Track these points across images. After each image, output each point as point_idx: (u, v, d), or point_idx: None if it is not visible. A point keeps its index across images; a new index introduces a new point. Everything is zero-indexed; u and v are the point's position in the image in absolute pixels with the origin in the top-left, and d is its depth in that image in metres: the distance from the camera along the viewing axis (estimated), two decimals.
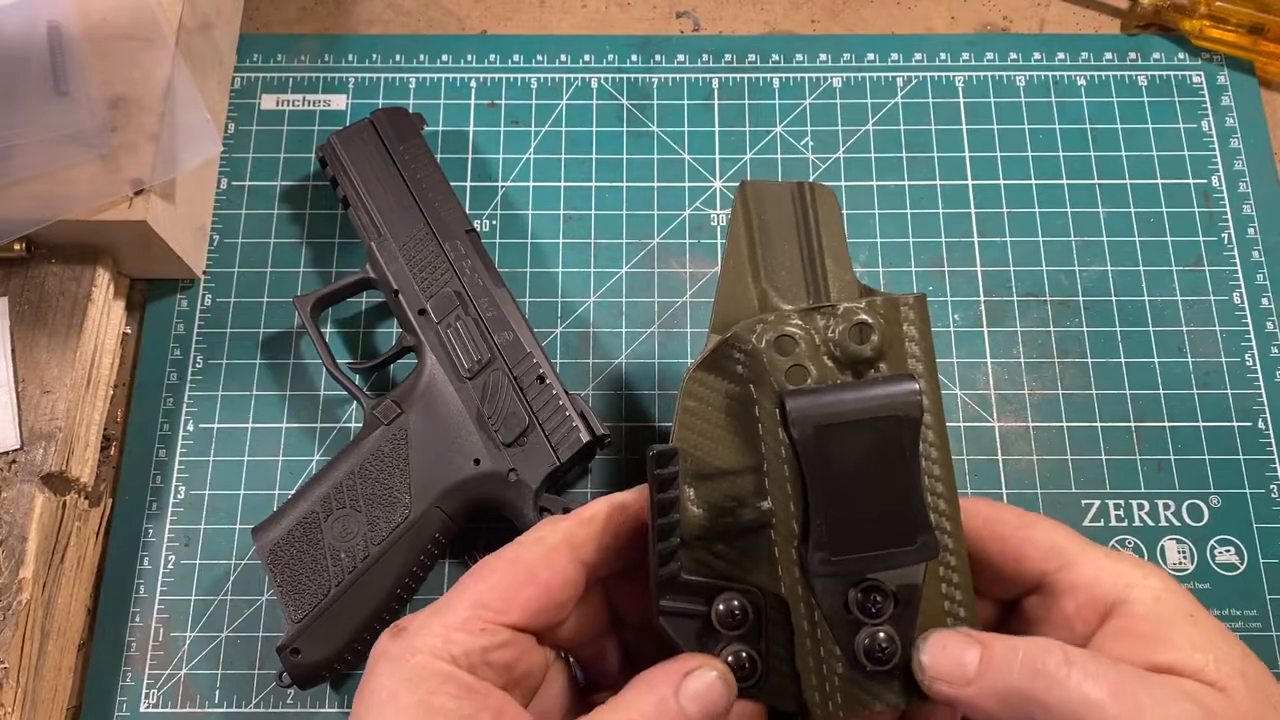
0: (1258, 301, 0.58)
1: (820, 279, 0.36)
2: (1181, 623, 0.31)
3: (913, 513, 0.31)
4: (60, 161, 0.51)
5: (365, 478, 0.50)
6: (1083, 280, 0.59)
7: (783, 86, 0.64)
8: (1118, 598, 0.32)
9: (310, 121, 0.62)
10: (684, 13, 0.66)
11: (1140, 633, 0.31)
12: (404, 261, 0.53)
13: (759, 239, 0.37)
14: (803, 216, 0.38)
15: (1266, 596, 0.53)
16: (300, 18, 0.66)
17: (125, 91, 0.53)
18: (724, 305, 0.36)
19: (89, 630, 0.52)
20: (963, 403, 0.57)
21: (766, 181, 0.38)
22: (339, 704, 0.51)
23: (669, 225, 0.60)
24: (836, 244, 0.37)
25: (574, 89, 0.63)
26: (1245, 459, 0.55)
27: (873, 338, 0.33)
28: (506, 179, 0.61)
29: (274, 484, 0.55)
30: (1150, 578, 0.32)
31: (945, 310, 0.59)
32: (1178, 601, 0.32)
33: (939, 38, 0.65)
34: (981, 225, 0.60)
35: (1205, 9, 0.62)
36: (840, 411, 0.31)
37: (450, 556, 0.53)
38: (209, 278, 0.59)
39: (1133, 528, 0.54)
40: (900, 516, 0.31)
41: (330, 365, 0.52)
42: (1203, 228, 0.60)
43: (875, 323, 0.33)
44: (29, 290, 0.53)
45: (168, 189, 0.54)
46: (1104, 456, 0.55)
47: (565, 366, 0.57)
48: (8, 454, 0.50)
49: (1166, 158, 0.62)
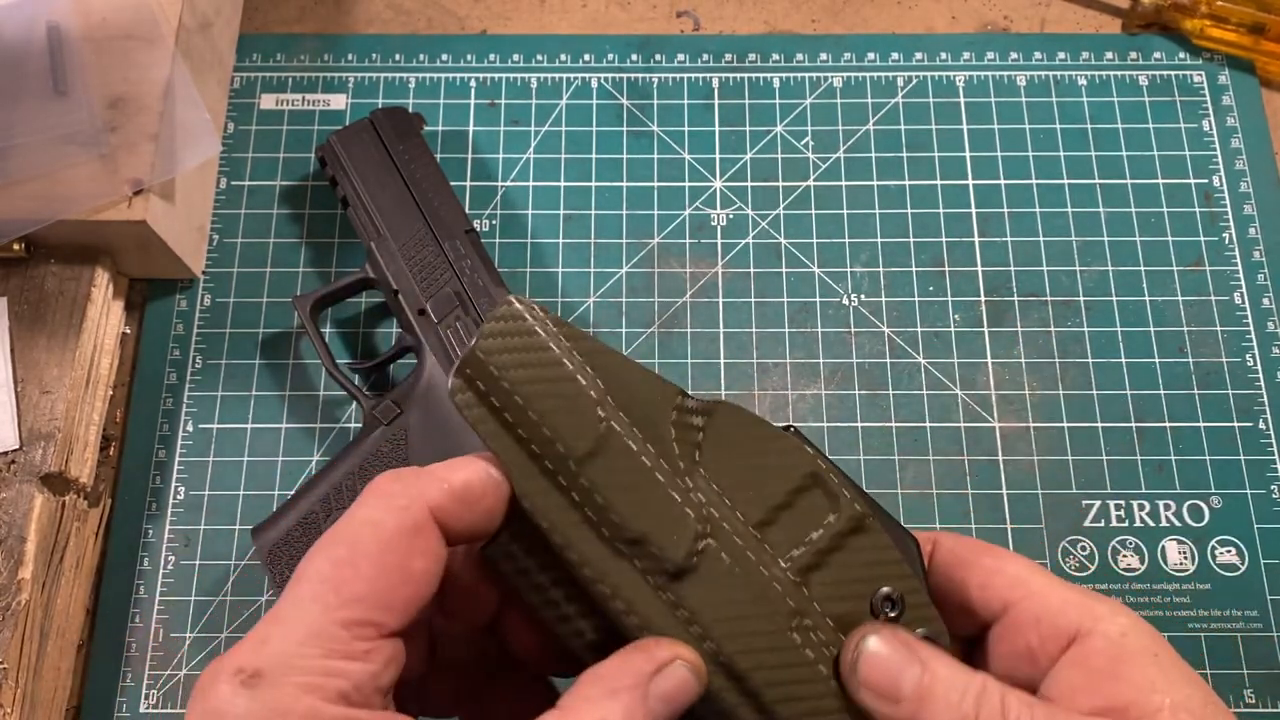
0: (1259, 301, 0.58)
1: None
2: (1143, 661, 0.29)
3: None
4: (60, 161, 0.51)
5: (365, 478, 0.49)
6: (1083, 280, 0.59)
7: (783, 86, 0.64)
8: (1081, 630, 0.30)
9: (310, 121, 0.62)
10: (684, 12, 0.66)
11: (1097, 667, 0.30)
12: (403, 261, 0.53)
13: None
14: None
15: (1267, 597, 0.53)
16: (300, 17, 0.65)
17: (124, 91, 0.53)
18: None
19: (89, 631, 0.52)
20: (963, 403, 0.57)
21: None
22: None
23: (669, 225, 0.60)
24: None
25: (574, 89, 0.63)
26: (1246, 459, 0.55)
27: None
28: (506, 179, 0.61)
29: (274, 484, 0.55)
30: (1118, 615, 0.31)
31: (945, 310, 0.58)
32: (1142, 641, 0.30)
33: (939, 37, 0.65)
34: (982, 225, 0.60)
35: (1206, 9, 0.62)
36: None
37: None
38: (208, 278, 0.59)
39: (1133, 528, 0.54)
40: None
41: (330, 365, 0.52)
42: (1204, 228, 0.60)
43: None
44: (28, 290, 0.53)
45: (167, 189, 0.54)
46: (1105, 457, 0.55)
47: None
48: (7, 454, 0.50)
49: (1167, 157, 0.62)
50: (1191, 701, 0.29)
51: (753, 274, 0.59)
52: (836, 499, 0.32)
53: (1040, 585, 0.32)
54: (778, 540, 0.32)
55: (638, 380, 0.32)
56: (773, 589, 0.31)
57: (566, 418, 0.31)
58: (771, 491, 0.32)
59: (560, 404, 0.31)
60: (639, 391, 0.32)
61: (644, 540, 0.30)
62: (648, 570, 0.31)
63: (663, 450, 0.31)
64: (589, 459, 0.31)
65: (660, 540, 0.30)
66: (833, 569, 0.32)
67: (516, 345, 0.31)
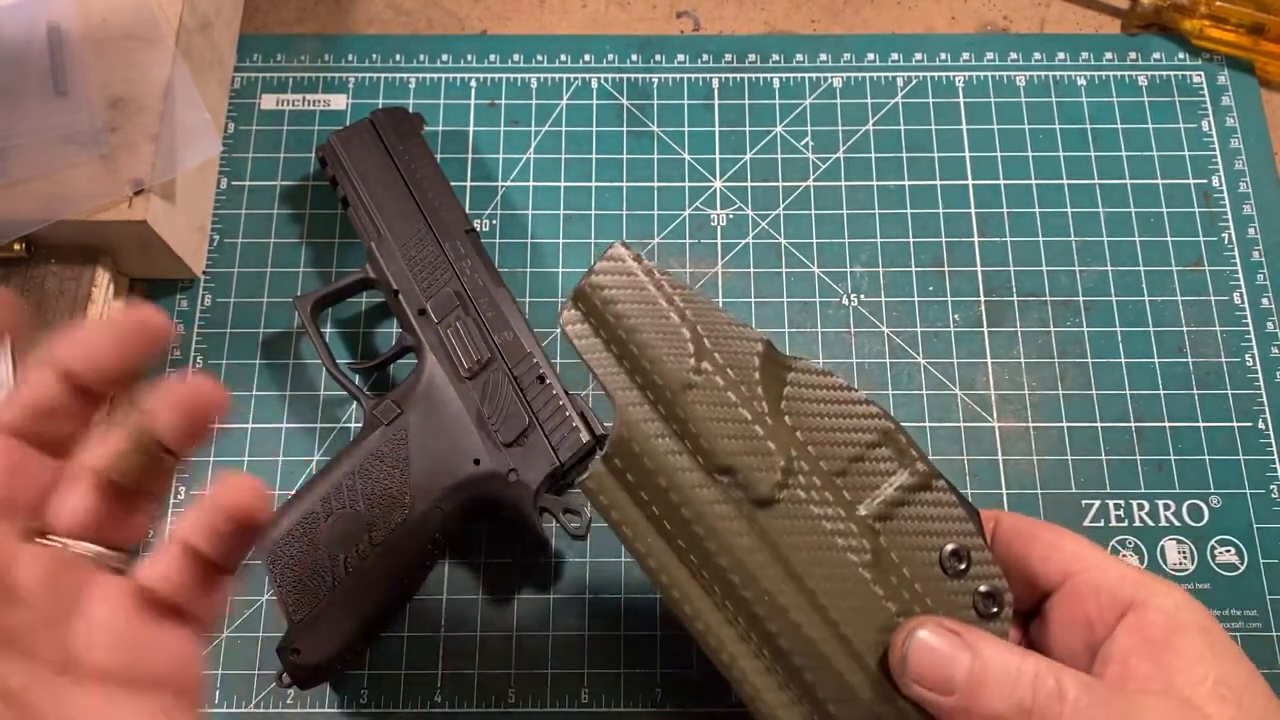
0: (1258, 301, 0.58)
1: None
2: (1194, 635, 0.31)
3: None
4: (60, 161, 0.51)
5: (365, 478, 0.49)
6: (1083, 280, 0.59)
7: (783, 86, 0.64)
8: (1136, 601, 0.32)
9: (310, 121, 0.62)
10: (684, 13, 0.66)
11: (1151, 636, 0.31)
12: (404, 261, 0.53)
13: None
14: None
15: (1267, 597, 0.53)
16: (300, 18, 0.66)
17: (125, 91, 0.53)
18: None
19: None
20: (963, 403, 0.57)
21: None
22: (339, 704, 0.51)
23: (669, 225, 0.60)
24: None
25: (574, 89, 0.63)
26: (1245, 459, 0.55)
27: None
28: (506, 179, 0.61)
29: (274, 484, 0.55)
30: (1173, 591, 0.32)
31: (945, 310, 0.58)
32: (1195, 617, 0.32)
33: (939, 38, 0.65)
34: (982, 225, 0.60)
35: (1205, 9, 0.62)
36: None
37: (450, 556, 0.53)
38: (209, 278, 0.59)
39: (1133, 528, 0.54)
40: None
41: (330, 365, 0.52)
42: (1203, 228, 0.60)
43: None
44: (29, 290, 0.53)
45: (167, 189, 0.54)
46: (1104, 457, 0.55)
47: (565, 366, 0.57)
48: None
49: (1167, 158, 0.62)
50: (1234, 678, 0.30)
51: (753, 274, 0.59)
52: (907, 456, 0.34)
53: (1099, 560, 0.34)
54: (852, 487, 0.34)
55: (730, 327, 0.35)
56: (849, 527, 0.33)
57: (663, 351, 0.34)
58: (847, 445, 0.34)
59: (657, 339, 0.34)
60: (730, 337, 0.35)
61: (733, 469, 0.33)
62: (737, 499, 0.33)
63: (752, 393, 0.34)
64: (684, 391, 0.34)
65: (748, 471, 0.33)
66: (902, 521, 0.34)
67: (621, 284, 0.35)
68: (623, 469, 0.34)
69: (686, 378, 0.34)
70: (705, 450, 0.33)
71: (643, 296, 0.35)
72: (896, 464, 0.34)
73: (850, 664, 0.32)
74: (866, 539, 0.33)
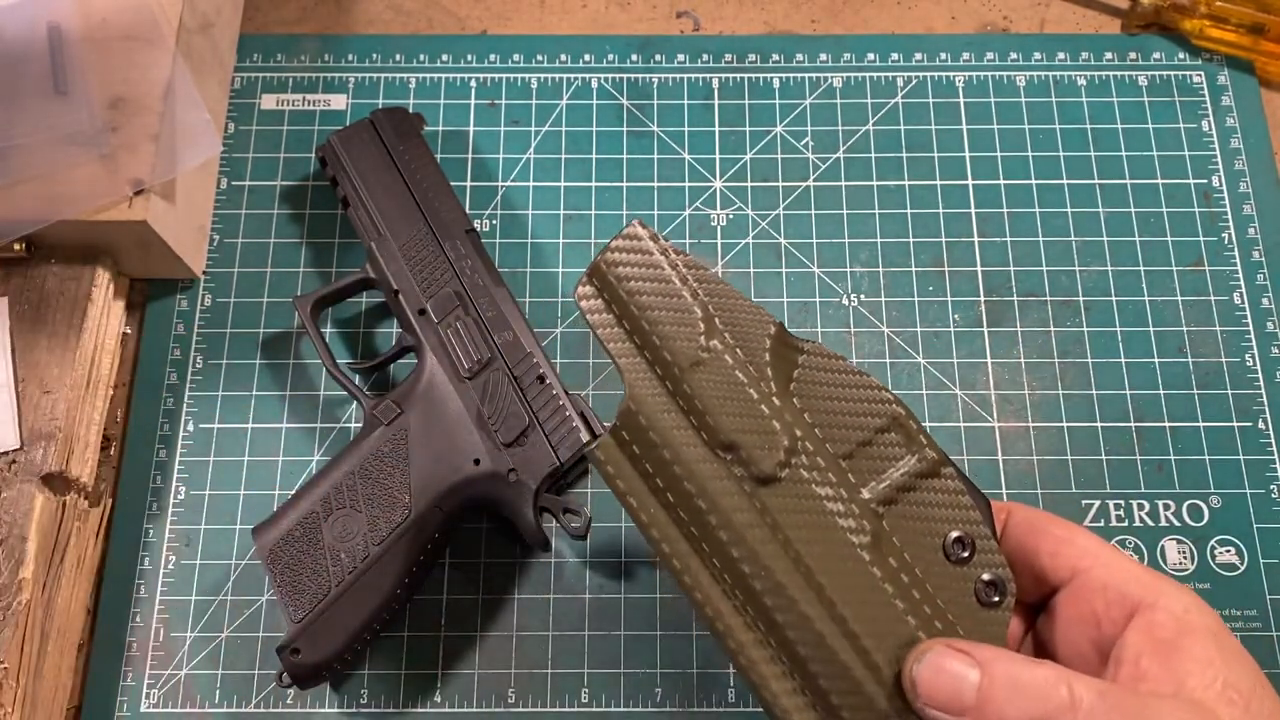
0: (1258, 301, 0.58)
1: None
2: (1204, 638, 0.31)
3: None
4: (60, 161, 0.51)
5: (365, 478, 0.49)
6: (1083, 280, 0.59)
7: (783, 86, 0.64)
8: (1145, 602, 0.32)
9: (310, 121, 0.62)
10: (684, 13, 0.66)
11: (1162, 637, 0.31)
12: (404, 261, 0.53)
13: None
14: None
15: (1266, 597, 0.53)
16: (300, 18, 0.66)
17: (125, 91, 0.53)
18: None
19: (89, 630, 0.52)
20: (963, 403, 0.57)
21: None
22: (339, 704, 0.51)
23: (669, 225, 0.60)
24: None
25: (574, 89, 0.63)
26: (1245, 459, 0.55)
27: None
28: (506, 179, 0.61)
29: (274, 484, 0.55)
30: (1183, 594, 0.32)
31: (945, 310, 0.58)
32: (1204, 620, 0.32)
33: (939, 38, 0.65)
34: (982, 225, 0.60)
35: (1205, 9, 0.62)
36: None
37: (450, 556, 0.53)
38: (209, 278, 0.59)
39: (1133, 528, 0.54)
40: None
41: (330, 365, 0.52)
42: (1203, 228, 0.60)
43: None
44: (29, 290, 0.53)
45: (168, 189, 0.54)
46: (1104, 457, 0.55)
47: (565, 366, 0.57)
48: (7, 454, 0.50)
49: (1167, 158, 0.62)
50: (1242, 682, 0.30)
51: (753, 274, 0.59)
52: (916, 442, 0.34)
53: (1109, 557, 0.34)
54: (858, 470, 0.34)
55: (743, 308, 0.35)
56: (851, 508, 0.33)
57: (673, 329, 0.35)
58: (855, 428, 0.34)
59: (668, 316, 0.35)
60: (742, 317, 0.35)
61: (736, 446, 0.33)
62: (739, 476, 0.33)
63: (760, 373, 0.34)
64: (693, 368, 0.34)
65: (751, 448, 0.33)
66: (906, 505, 0.34)
67: (635, 261, 0.36)
68: (629, 441, 0.35)
69: (695, 355, 0.34)
70: (710, 426, 0.34)
71: (657, 275, 0.35)
72: (905, 449, 0.34)
73: (844, 644, 0.32)
74: (868, 520, 0.33)
